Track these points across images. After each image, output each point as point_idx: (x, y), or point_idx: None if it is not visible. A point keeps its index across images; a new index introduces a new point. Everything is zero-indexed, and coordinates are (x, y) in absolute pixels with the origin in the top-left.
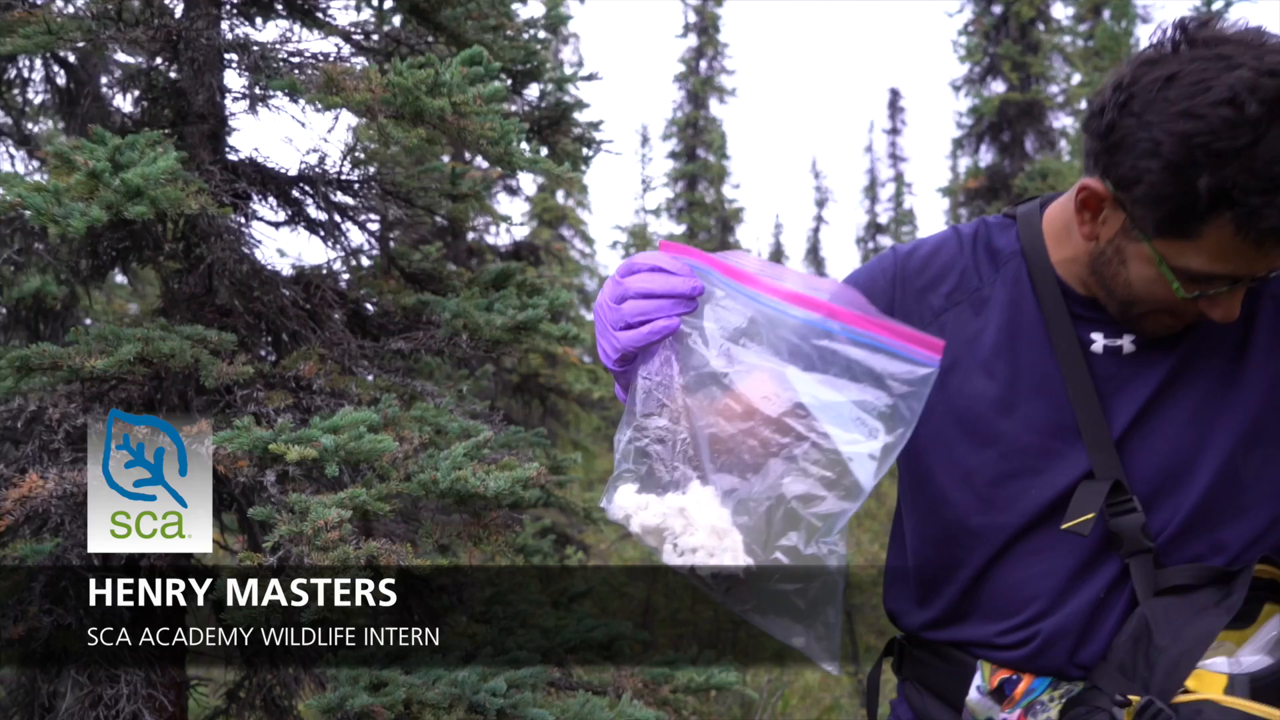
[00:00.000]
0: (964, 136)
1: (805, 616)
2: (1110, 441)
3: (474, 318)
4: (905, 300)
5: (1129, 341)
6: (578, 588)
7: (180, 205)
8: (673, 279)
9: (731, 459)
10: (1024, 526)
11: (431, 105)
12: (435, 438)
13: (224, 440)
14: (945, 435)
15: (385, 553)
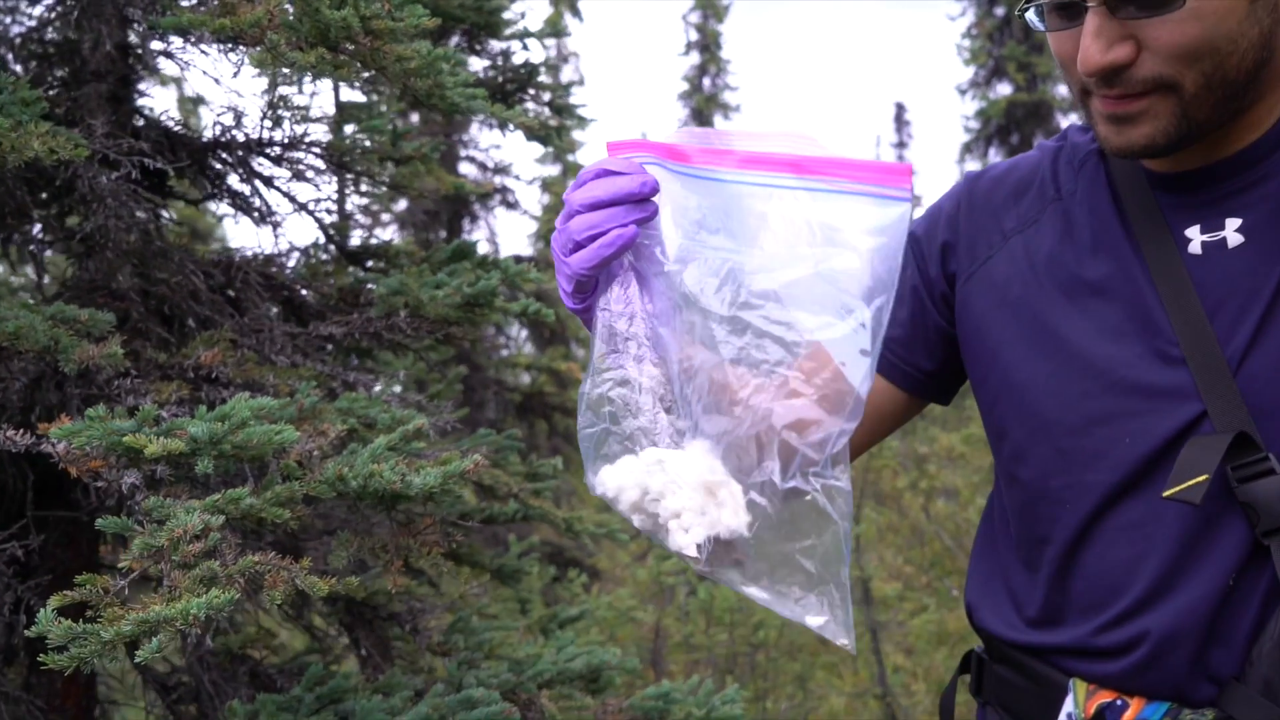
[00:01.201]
0: (972, 141)
1: (817, 582)
2: (1228, 375)
3: (415, 293)
4: (971, 224)
5: (1234, 230)
6: (568, 612)
7: (20, 146)
8: (621, 180)
9: (718, 394)
10: (1117, 487)
11: (334, 17)
12: (363, 432)
13: (68, 434)
14: (1018, 375)
15: (269, 568)
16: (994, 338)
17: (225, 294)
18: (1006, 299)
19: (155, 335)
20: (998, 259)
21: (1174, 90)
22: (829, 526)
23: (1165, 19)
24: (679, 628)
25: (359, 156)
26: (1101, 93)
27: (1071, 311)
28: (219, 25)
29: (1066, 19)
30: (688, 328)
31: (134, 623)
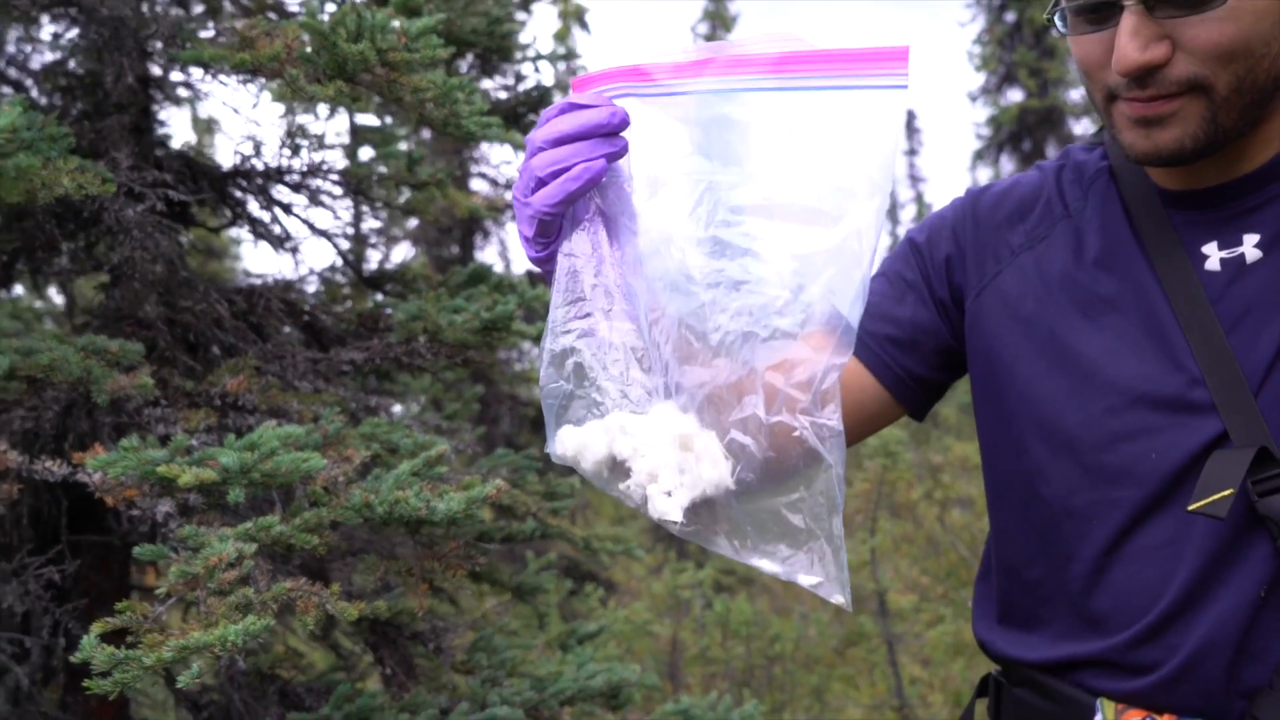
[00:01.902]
0: (984, 148)
1: (806, 537)
2: (1248, 392)
3: (434, 319)
4: (978, 239)
5: (1252, 246)
6: (586, 628)
7: (52, 187)
8: (587, 113)
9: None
10: (1146, 503)
11: (351, 50)
12: (386, 457)
13: (103, 465)
14: (1037, 392)
15: (301, 595)
16: (1009, 353)
17: (248, 320)
18: (1019, 314)
19: (181, 363)
20: (1007, 274)
21: (1206, 92)
22: (819, 474)
23: (1204, 18)
24: (695, 641)
25: (375, 182)
26: (1131, 95)
27: (1088, 328)
28: (239, 59)
29: (1095, 23)
30: (661, 274)
31: (174, 649)
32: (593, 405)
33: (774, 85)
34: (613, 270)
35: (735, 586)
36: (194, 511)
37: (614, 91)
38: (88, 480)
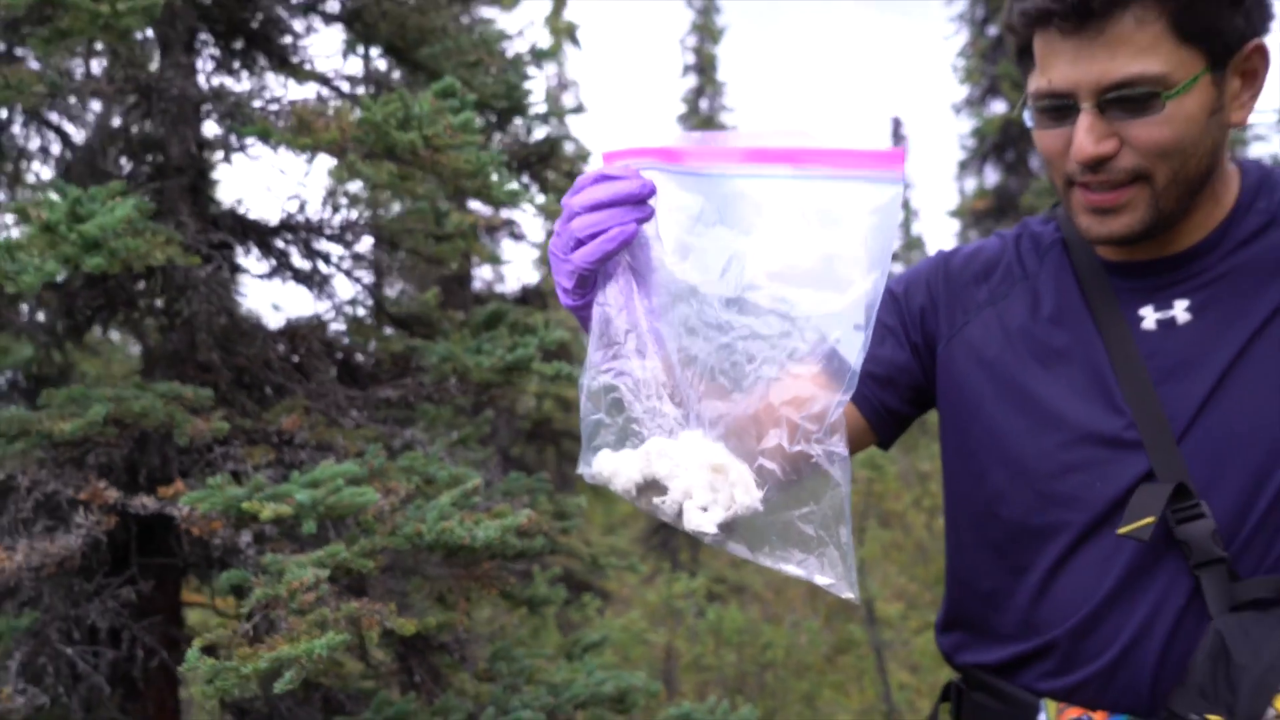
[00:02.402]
0: (968, 158)
1: (817, 544)
2: (1170, 438)
3: (463, 360)
4: (950, 295)
5: (1182, 310)
6: (590, 638)
7: (144, 256)
8: (619, 183)
9: (713, 382)
10: (1090, 524)
11: (402, 139)
12: (425, 488)
13: (194, 501)
14: (1000, 428)
15: (367, 613)
16: (975, 393)
17: (292, 361)
18: (984, 360)
19: (239, 403)
20: (973, 326)
21: (1148, 181)
22: (827, 491)
23: (1144, 120)
24: (689, 649)
25: (406, 235)
26: (1085, 181)
27: (1042, 374)
28: (301, 143)
29: (1055, 120)
30: (684, 321)
31: (269, 660)
32: (630, 434)
33: (790, 174)
34: (643, 317)
35: (727, 595)
36: (268, 540)
37: (640, 164)
38: (176, 513)
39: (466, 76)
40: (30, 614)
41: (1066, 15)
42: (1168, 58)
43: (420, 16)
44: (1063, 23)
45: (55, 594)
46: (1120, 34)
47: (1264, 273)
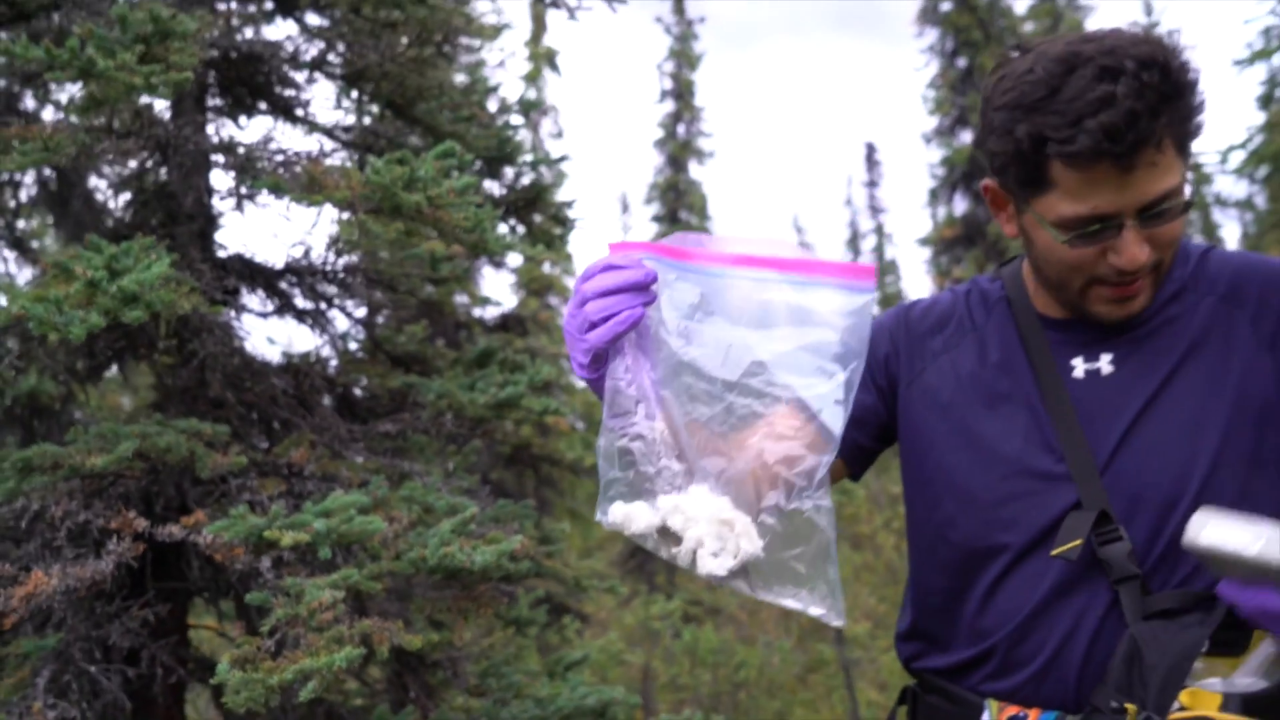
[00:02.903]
0: (938, 187)
1: (808, 580)
2: (1095, 471)
3: (457, 397)
4: (909, 345)
5: (1107, 362)
6: (572, 657)
7: (174, 307)
8: (626, 272)
9: (714, 441)
10: (1027, 546)
11: (408, 200)
12: (424, 516)
13: (220, 529)
14: (951, 462)
15: (378, 630)
16: (930, 431)
17: (295, 396)
18: (938, 403)
19: (250, 437)
20: (929, 372)
21: (1155, 272)
22: (815, 535)
23: (1170, 225)
24: (666, 669)
25: (404, 279)
26: (1118, 283)
27: (988, 415)
28: (313, 200)
29: (1095, 237)
30: (685, 390)
31: (294, 673)
32: (643, 489)
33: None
34: (650, 387)
35: (703, 617)
36: (285, 564)
37: (641, 255)
38: (200, 540)
39: (460, 130)
40: (55, 635)
41: (1122, 154)
42: (1178, 171)
43: (419, 77)
44: (1118, 159)
45: (77, 616)
46: (1155, 160)
47: (1173, 334)
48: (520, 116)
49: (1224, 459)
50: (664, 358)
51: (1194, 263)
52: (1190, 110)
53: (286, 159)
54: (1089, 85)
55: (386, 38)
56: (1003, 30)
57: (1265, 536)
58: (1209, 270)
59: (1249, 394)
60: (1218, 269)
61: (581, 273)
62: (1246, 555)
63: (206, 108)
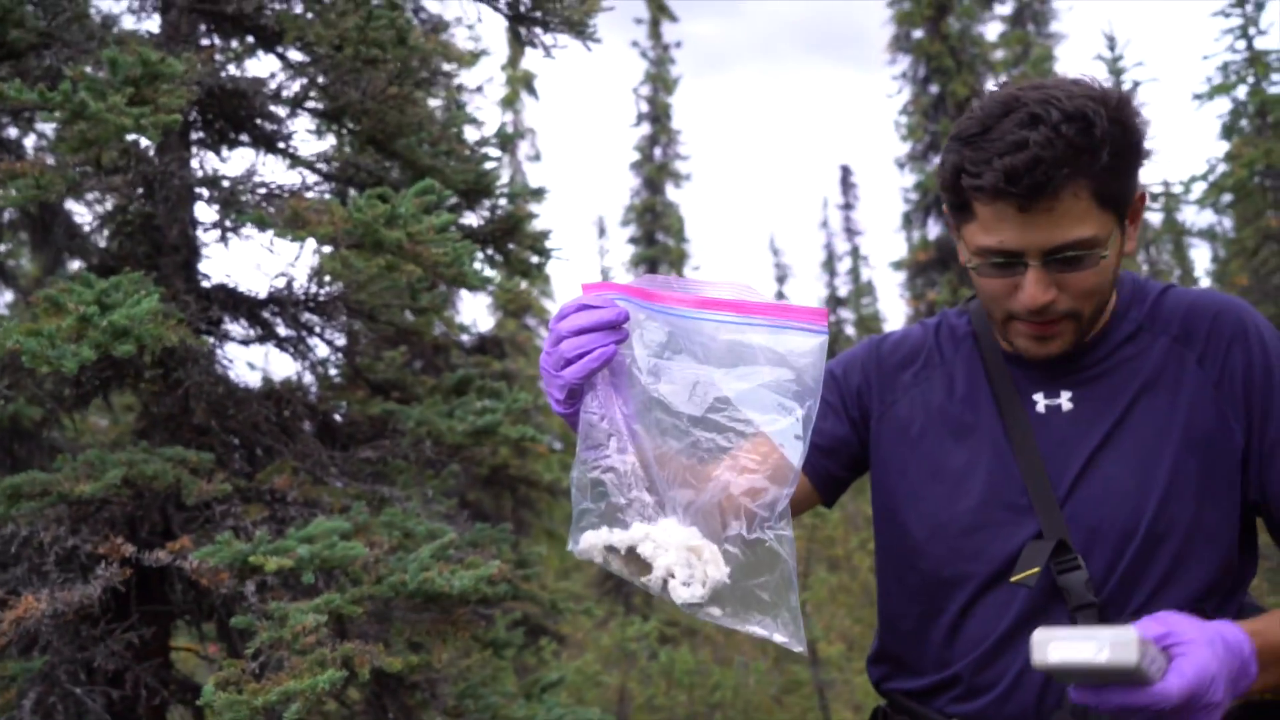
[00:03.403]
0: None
1: (773, 608)
2: (1054, 503)
3: (436, 425)
4: (881, 378)
5: (1066, 399)
6: (549, 678)
7: (162, 340)
8: (599, 312)
9: (684, 473)
10: (992, 575)
11: (389, 236)
12: (404, 540)
13: (206, 555)
14: (920, 492)
15: (360, 653)
16: (901, 462)
17: (278, 423)
18: (908, 435)
19: (233, 464)
20: (900, 404)
21: (1077, 318)
22: (779, 565)
23: (1080, 273)
24: (642, 690)
25: (384, 309)
26: (1030, 321)
27: (955, 447)
28: (297, 235)
29: (1002, 272)
30: (656, 424)
31: (278, 694)
32: (615, 519)
33: (739, 320)
34: (622, 421)
35: (679, 638)
36: (269, 589)
37: (613, 295)
38: (186, 566)
39: (439, 165)
40: (41, 658)
41: (1021, 197)
42: (1095, 223)
43: (398, 114)
44: (1017, 200)
45: (63, 639)
46: (1061, 208)
47: (1128, 372)
48: (497, 149)
49: (1174, 492)
50: (636, 393)
51: (1150, 303)
52: (1114, 167)
53: (270, 192)
54: (1011, 128)
55: (368, 75)
56: (974, 58)
57: (1107, 642)
58: (1164, 311)
59: (1196, 430)
60: (1171, 309)
61: (557, 312)
62: (1096, 663)
63: (191, 141)
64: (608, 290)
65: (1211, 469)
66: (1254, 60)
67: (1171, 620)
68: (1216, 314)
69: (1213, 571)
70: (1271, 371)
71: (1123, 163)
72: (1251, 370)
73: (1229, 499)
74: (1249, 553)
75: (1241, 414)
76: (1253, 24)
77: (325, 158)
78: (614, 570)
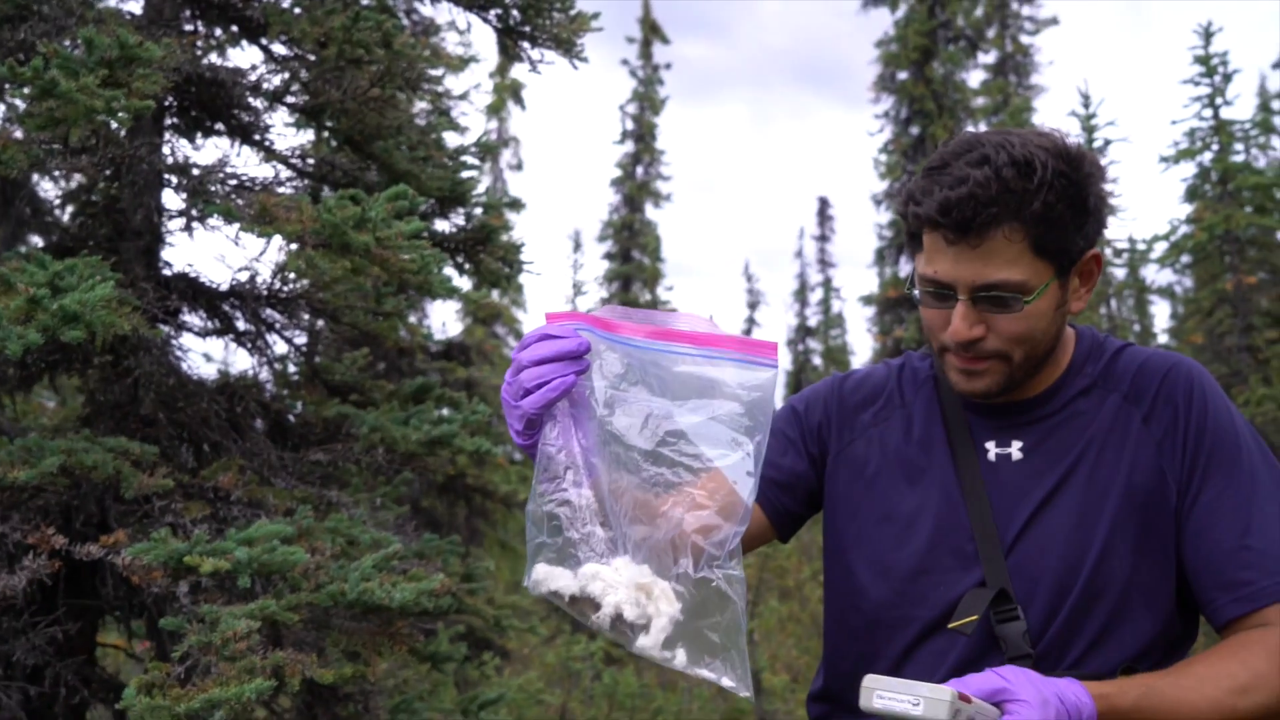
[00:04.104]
0: (885, 248)
1: (722, 650)
2: (999, 551)
3: (391, 432)
4: (841, 416)
5: (1017, 449)
6: (488, 695)
7: (114, 328)
8: (560, 342)
9: (637, 509)
10: (934, 621)
11: (357, 239)
12: (347, 548)
13: (140, 551)
14: (869, 533)
15: (291, 662)
16: (853, 502)
17: (228, 419)
18: (864, 475)
19: (178, 458)
20: (858, 443)
21: (1007, 360)
22: (729, 606)
23: (1007, 316)
24: (584, 711)
25: (348, 310)
26: (958, 354)
27: (908, 491)
28: (264, 230)
29: (937, 301)
30: (614, 457)
31: (202, 702)
32: (568, 555)
33: (694, 353)
34: (579, 454)
35: (624, 659)
36: (202, 590)
37: (576, 325)
38: (118, 562)
39: (415, 170)
40: None
41: (949, 229)
42: (1027, 268)
43: (378, 116)
44: (948, 232)
45: None
46: (992, 247)
47: (1079, 427)
48: (477, 158)
49: (1112, 549)
50: (594, 426)
51: (1106, 360)
52: (1051, 218)
53: (240, 184)
54: (961, 166)
55: (350, 75)
56: (955, 104)
57: (922, 699)
58: (1118, 368)
59: (1137, 488)
60: (1125, 367)
61: (519, 342)
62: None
63: (164, 126)
64: (571, 320)
65: (1150, 527)
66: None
67: (1010, 675)
68: (1165, 374)
69: (1150, 630)
70: (1205, 434)
71: (1064, 215)
72: (1189, 430)
73: (1166, 558)
74: (1190, 614)
75: (1178, 473)
76: (1220, 94)
77: (301, 153)
78: (564, 608)
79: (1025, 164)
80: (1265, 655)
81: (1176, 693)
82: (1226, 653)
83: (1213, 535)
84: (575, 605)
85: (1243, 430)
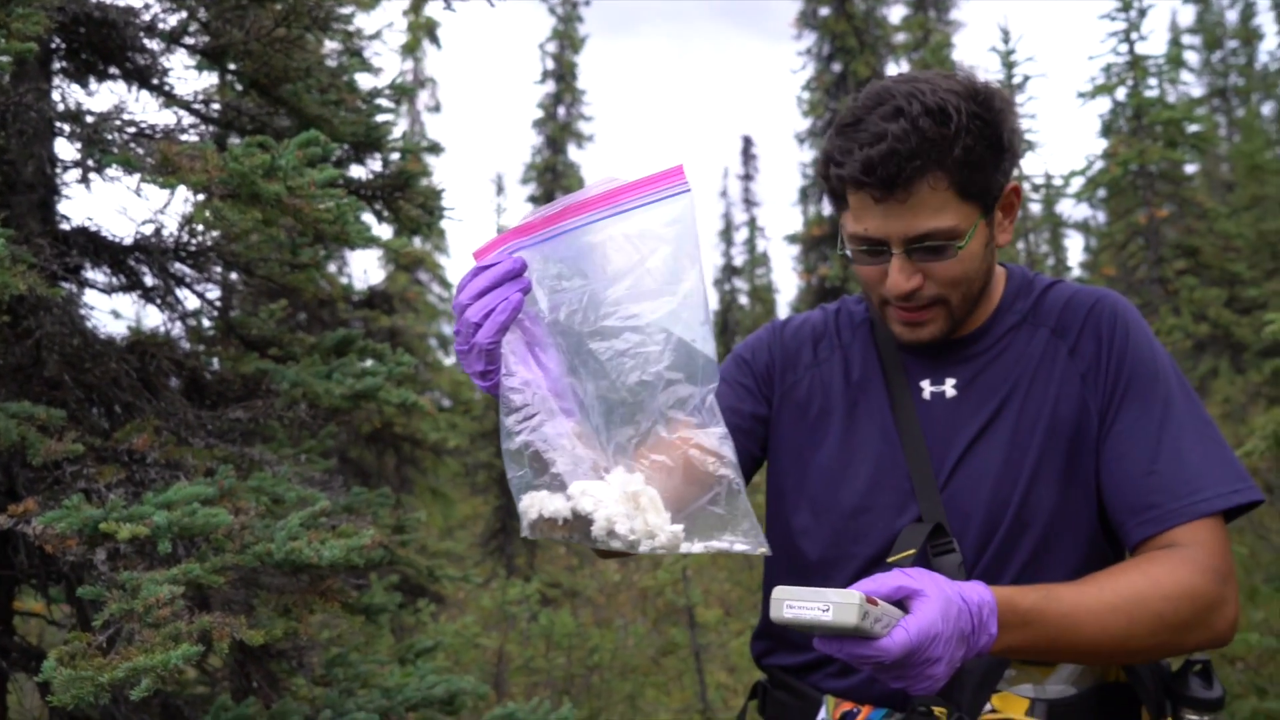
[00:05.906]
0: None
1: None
2: (935, 487)
3: (313, 387)
4: (785, 358)
5: (951, 386)
6: (424, 643)
7: (9, 288)
8: (494, 269)
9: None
10: (874, 557)
11: (268, 189)
12: (273, 507)
13: (52, 520)
14: (811, 474)
15: (219, 626)
16: (794, 444)
17: (140, 378)
18: (807, 415)
19: (89, 421)
20: (801, 385)
21: (946, 304)
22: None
23: (942, 263)
24: (520, 652)
25: (261, 263)
26: (900, 306)
27: (847, 430)
28: (167, 181)
29: (871, 258)
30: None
31: (126, 670)
32: (553, 480)
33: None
34: (545, 381)
35: (560, 599)
36: (121, 556)
37: (504, 248)
38: (29, 532)
39: (327, 114)
40: None
41: (875, 187)
42: (955, 213)
43: (285, 58)
44: (874, 190)
45: None
46: (919, 199)
47: (1010, 362)
48: (392, 101)
49: (1039, 479)
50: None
51: (1035, 297)
52: (972, 161)
53: (140, 132)
54: (876, 120)
55: (253, 13)
56: (876, 40)
57: (831, 604)
58: (1046, 304)
59: (1063, 420)
60: (1052, 303)
61: (455, 291)
62: (822, 621)
63: (52, 71)
64: (497, 245)
65: (1075, 458)
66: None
67: (914, 574)
68: (1091, 307)
69: (1078, 559)
70: (1124, 364)
71: (984, 156)
72: (1110, 361)
73: (1091, 488)
74: (1119, 543)
75: (1100, 402)
76: (1135, 29)
77: (204, 98)
78: (562, 540)
79: (940, 111)
80: (1168, 568)
81: (1076, 596)
82: (1130, 565)
83: (1125, 462)
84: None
85: (1163, 360)
